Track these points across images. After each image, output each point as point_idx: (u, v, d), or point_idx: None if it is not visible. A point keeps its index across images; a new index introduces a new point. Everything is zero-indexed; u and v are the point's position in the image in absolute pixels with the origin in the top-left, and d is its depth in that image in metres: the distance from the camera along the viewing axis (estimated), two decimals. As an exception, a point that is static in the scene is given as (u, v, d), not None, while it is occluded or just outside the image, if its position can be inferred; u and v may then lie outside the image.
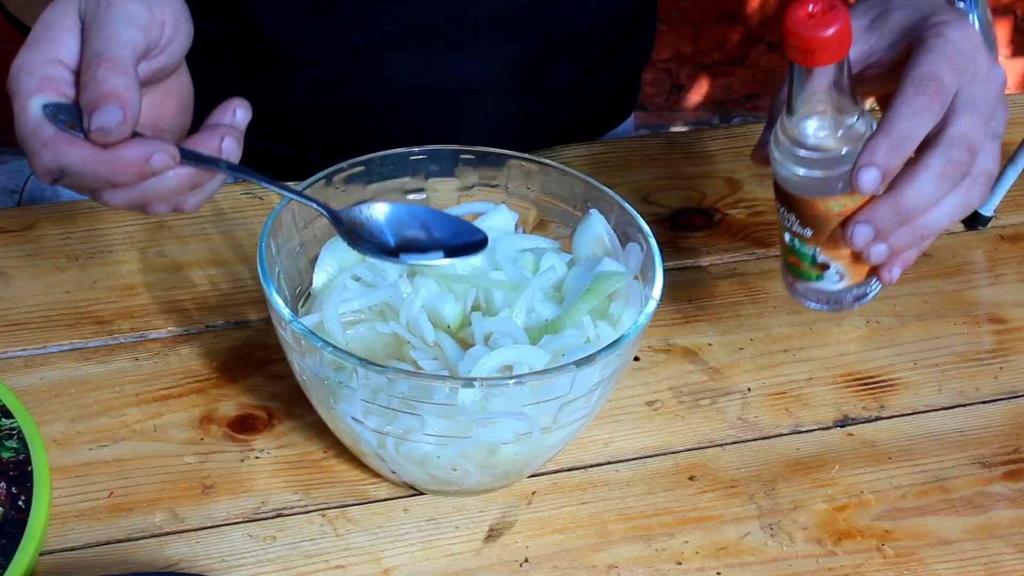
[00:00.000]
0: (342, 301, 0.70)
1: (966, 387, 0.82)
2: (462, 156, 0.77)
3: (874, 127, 0.65)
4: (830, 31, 0.62)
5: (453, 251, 0.68)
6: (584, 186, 0.75)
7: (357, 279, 0.73)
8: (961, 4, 0.72)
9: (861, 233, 0.66)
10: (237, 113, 0.64)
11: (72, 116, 0.60)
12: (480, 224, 0.76)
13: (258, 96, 0.68)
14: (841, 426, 0.79)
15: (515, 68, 0.97)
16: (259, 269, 0.67)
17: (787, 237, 0.71)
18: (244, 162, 0.65)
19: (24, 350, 0.80)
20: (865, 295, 0.72)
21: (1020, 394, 0.82)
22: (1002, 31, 2.50)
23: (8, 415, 0.73)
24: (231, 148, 0.63)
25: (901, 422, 0.80)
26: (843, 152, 0.66)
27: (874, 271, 0.70)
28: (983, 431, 0.79)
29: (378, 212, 0.68)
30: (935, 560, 0.71)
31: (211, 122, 0.64)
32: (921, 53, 0.66)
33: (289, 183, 0.68)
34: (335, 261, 0.74)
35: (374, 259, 0.69)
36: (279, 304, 0.65)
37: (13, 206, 1.08)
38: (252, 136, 0.68)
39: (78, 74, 0.61)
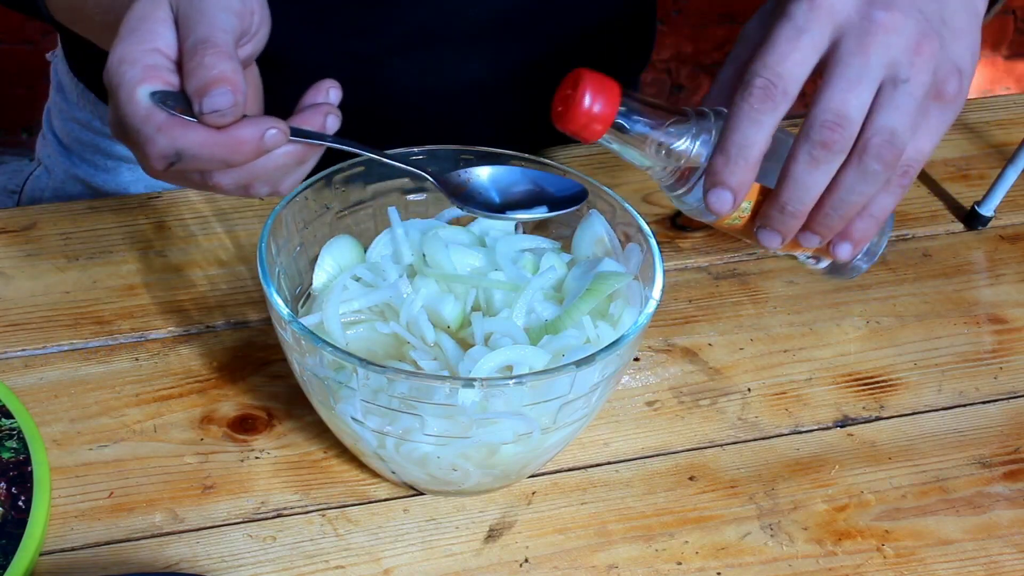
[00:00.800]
0: (342, 301, 0.70)
1: (966, 387, 0.82)
2: (462, 156, 0.77)
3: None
4: (582, 108, 0.63)
5: (556, 204, 0.69)
6: (584, 186, 0.75)
7: (357, 279, 0.73)
8: None
9: (766, 237, 0.64)
10: (331, 93, 0.66)
11: (179, 103, 0.61)
12: (480, 224, 0.77)
13: None
14: (841, 426, 0.79)
15: (515, 71, 0.97)
16: (259, 269, 0.67)
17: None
18: None
19: (24, 350, 0.80)
20: (874, 253, 0.69)
21: (1020, 394, 0.82)
22: (1002, 31, 2.50)
23: (8, 415, 0.73)
24: (334, 125, 0.64)
25: (901, 422, 0.80)
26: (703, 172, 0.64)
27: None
28: (983, 431, 0.79)
29: (479, 173, 0.70)
30: (935, 560, 0.71)
31: (307, 103, 0.65)
32: (759, 47, 0.63)
33: (390, 151, 0.69)
34: (335, 261, 0.74)
35: (481, 216, 0.70)
36: (279, 304, 0.65)
37: (13, 206, 1.08)
38: None
39: (178, 63, 0.62)
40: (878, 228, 0.66)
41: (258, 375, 0.79)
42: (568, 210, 0.69)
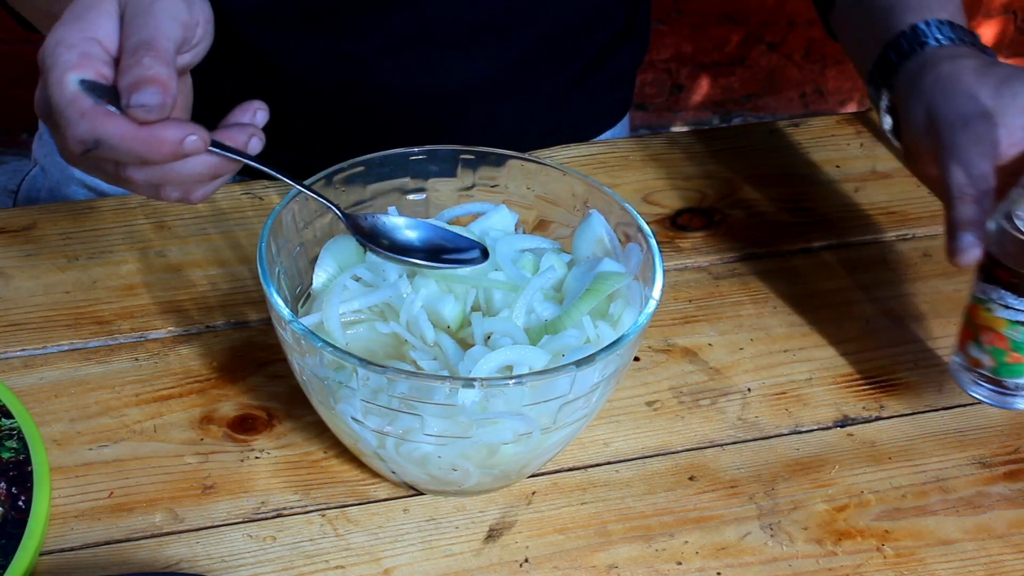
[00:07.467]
0: (342, 301, 0.70)
1: (966, 387, 0.82)
2: (462, 156, 0.77)
3: None
4: None
5: (453, 261, 0.72)
6: (584, 186, 0.75)
7: (357, 279, 0.73)
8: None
9: None
10: (257, 115, 0.67)
11: (107, 95, 0.62)
12: (480, 224, 0.77)
13: None
14: (841, 426, 0.79)
15: (509, 71, 0.97)
16: (259, 269, 0.67)
17: (1014, 333, 0.69)
18: (244, 167, 0.66)
19: (24, 350, 0.80)
20: None
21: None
22: (1002, 31, 2.50)
23: (8, 415, 0.73)
24: (256, 146, 0.66)
25: (901, 422, 0.80)
26: None
27: None
28: (983, 431, 0.79)
29: (384, 220, 0.72)
30: (935, 560, 0.71)
31: (232, 121, 0.66)
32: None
33: (305, 181, 0.71)
34: (335, 261, 0.74)
35: (382, 257, 0.71)
36: (279, 304, 0.65)
37: (12, 206, 1.08)
38: None
39: (115, 58, 0.63)
40: None
41: (258, 375, 0.79)
42: (464, 268, 0.71)
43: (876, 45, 0.80)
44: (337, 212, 0.70)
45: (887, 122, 0.79)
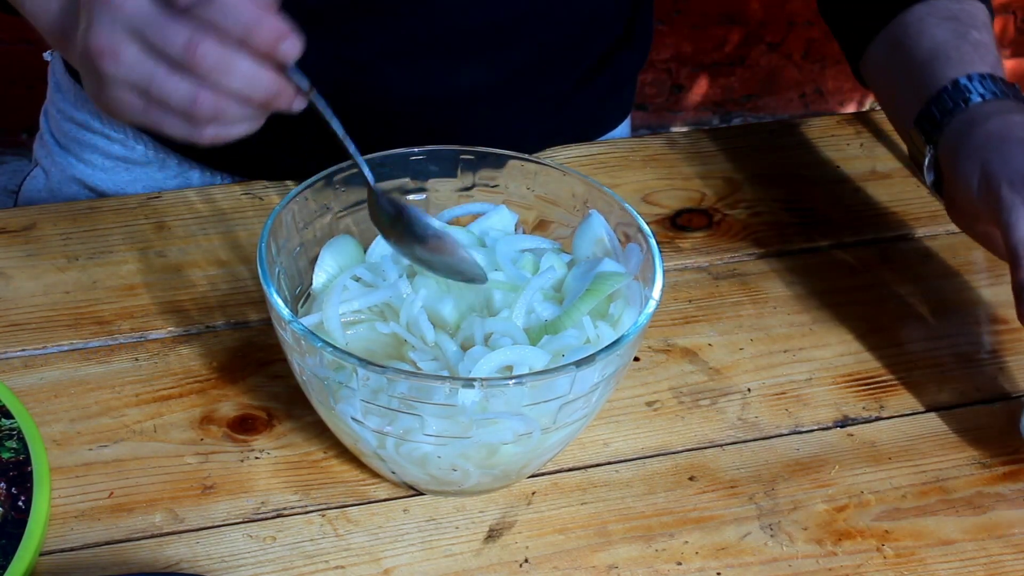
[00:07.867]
0: (342, 301, 0.70)
1: (966, 387, 0.82)
2: (462, 156, 0.77)
3: None
4: None
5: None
6: (584, 186, 0.75)
7: (357, 279, 0.73)
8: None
9: None
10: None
11: None
12: (480, 224, 0.77)
13: None
14: (841, 426, 0.79)
15: (509, 77, 0.97)
16: (259, 269, 0.67)
17: None
18: (244, 167, 0.66)
19: (24, 350, 0.80)
20: None
21: (1020, 394, 0.82)
22: (1002, 31, 2.50)
23: (8, 415, 0.73)
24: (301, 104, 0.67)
25: (901, 422, 0.80)
26: None
27: None
28: (983, 431, 0.79)
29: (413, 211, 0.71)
30: (935, 560, 0.71)
31: None
32: None
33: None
34: (335, 261, 0.74)
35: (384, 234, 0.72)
36: (279, 304, 0.65)
37: (12, 206, 1.08)
38: (249, 144, 0.69)
39: None
40: None
41: (258, 375, 0.79)
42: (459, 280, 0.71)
43: (916, 100, 0.79)
44: (371, 183, 0.70)
45: (929, 177, 0.79)
